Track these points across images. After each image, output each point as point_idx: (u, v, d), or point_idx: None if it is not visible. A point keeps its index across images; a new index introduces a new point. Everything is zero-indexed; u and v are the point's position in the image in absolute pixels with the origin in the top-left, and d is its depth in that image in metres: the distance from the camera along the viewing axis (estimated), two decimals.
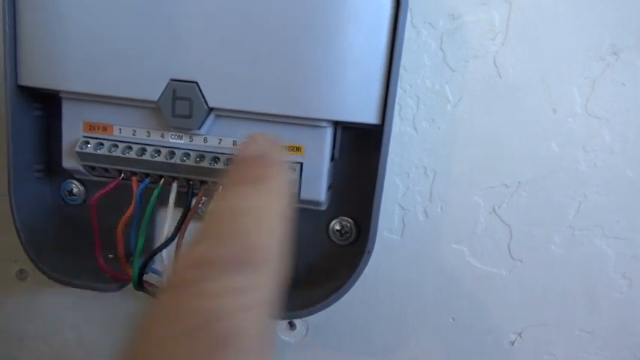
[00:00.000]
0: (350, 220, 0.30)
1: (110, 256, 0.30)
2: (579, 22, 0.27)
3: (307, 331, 0.33)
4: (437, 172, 0.30)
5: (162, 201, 0.28)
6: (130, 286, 0.28)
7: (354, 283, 0.28)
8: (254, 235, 0.17)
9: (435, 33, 0.28)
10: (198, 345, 0.14)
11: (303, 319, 0.33)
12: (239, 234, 0.17)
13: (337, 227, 0.31)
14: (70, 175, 0.31)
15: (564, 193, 0.29)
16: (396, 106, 0.29)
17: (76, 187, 0.33)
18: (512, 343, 0.31)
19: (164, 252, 0.28)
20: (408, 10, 0.28)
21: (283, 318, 0.32)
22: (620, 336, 0.30)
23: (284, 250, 0.18)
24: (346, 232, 0.30)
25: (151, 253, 0.27)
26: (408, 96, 0.29)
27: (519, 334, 0.31)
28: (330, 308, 0.31)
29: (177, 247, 0.27)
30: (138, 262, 0.28)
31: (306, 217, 0.31)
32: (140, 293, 0.29)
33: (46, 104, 0.30)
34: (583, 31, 0.27)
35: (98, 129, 0.29)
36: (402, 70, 0.29)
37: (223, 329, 0.14)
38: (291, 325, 0.33)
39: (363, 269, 0.27)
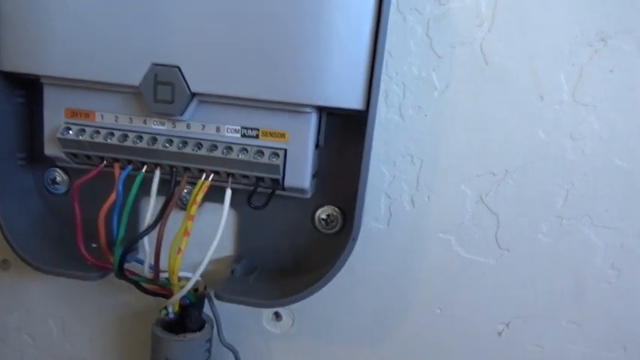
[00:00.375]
0: (336, 208, 0.30)
1: (94, 245, 0.30)
2: (566, 8, 0.26)
3: (293, 321, 0.33)
4: (423, 161, 0.29)
5: (146, 190, 0.28)
6: (113, 275, 0.28)
7: (338, 271, 0.27)
8: None
9: (422, 19, 0.28)
10: None
11: (289, 309, 0.33)
12: None
13: (323, 216, 0.30)
14: (53, 163, 0.31)
15: (552, 181, 0.28)
16: (382, 93, 0.29)
17: (59, 176, 0.32)
18: (500, 334, 0.31)
19: (146, 240, 0.28)
20: None
21: (269, 307, 0.32)
22: (608, 327, 0.30)
23: None
24: (332, 221, 0.30)
25: (132, 241, 0.27)
26: (394, 83, 0.29)
27: (507, 325, 0.31)
28: (316, 298, 0.30)
29: (159, 234, 0.27)
30: (119, 249, 0.27)
31: (292, 205, 0.30)
32: (124, 283, 0.28)
33: (28, 91, 0.30)
34: (570, 17, 0.27)
35: (80, 115, 0.28)
36: (387, 57, 0.28)
37: None
38: (277, 316, 0.33)
39: (347, 257, 0.27)
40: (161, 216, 0.27)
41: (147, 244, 0.28)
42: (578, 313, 0.30)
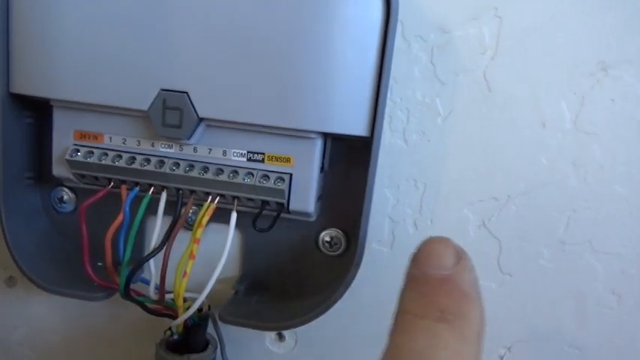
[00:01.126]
0: (340, 231, 0.30)
1: (100, 264, 0.30)
2: (568, 37, 0.27)
3: (296, 342, 0.33)
4: (427, 185, 0.30)
5: (153, 210, 0.28)
6: (118, 294, 0.28)
7: (342, 295, 0.27)
8: None
9: (426, 46, 0.28)
10: None
11: (292, 330, 0.33)
12: None
13: (327, 238, 0.30)
14: (60, 182, 0.31)
15: (554, 207, 0.29)
16: (387, 119, 0.29)
17: (66, 195, 0.33)
18: (502, 358, 0.31)
19: (152, 261, 0.28)
20: (399, 22, 0.28)
21: (271, 330, 0.32)
22: (609, 352, 0.30)
23: None
24: (336, 244, 0.30)
25: (139, 262, 0.27)
26: (399, 108, 0.29)
27: (508, 349, 0.31)
28: (319, 320, 0.30)
29: (165, 256, 0.27)
30: (125, 270, 0.27)
31: (296, 227, 0.31)
32: (129, 303, 0.28)
33: (37, 112, 0.30)
34: (572, 46, 0.27)
35: (89, 137, 0.29)
36: (392, 82, 0.29)
37: None
38: (280, 337, 0.33)
39: (351, 281, 0.27)
40: (167, 238, 0.27)
41: (153, 265, 0.28)
42: (580, 338, 0.30)
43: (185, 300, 0.29)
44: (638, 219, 0.28)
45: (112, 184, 0.29)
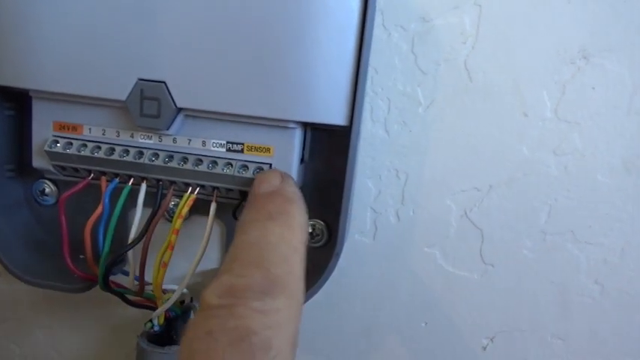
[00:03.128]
0: (321, 222, 0.30)
1: (81, 257, 0.30)
2: (549, 25, 0.27)
3: None
4: (409, 175, 0.30)
5: (134, 202, 0.28)
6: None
7: (322, 286, 0.27)
8: (273, 266, 0.20)
9: (407, 35, 0.28)
10: (238, 354, 0.17)
11: None
12: (261, 266, 0.19)
13: (309, 230, 0.30)
14: (42, 175, 0.31)
15: (536, 197, 0.29)
16: (368, 109, 0.29)
17: (48, 187, 0.32)
18: (485, 348, 0.31)
19: (131, 252, 0.28)
20: (379, 12, 0.28)
21: None
22: (592, 342, 0.30)
23: (301, 277, 0.21)
24: (317, 235, 0.30)
25: (118, 253, 0.27)
26: (380, 98, 0.29)
27: (491, 340, 0.31)
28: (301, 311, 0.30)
29: (144, 247, 0.27)
30: (104, 262, 0.27)
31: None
32: (113, 295, 0.28)
33: (17, 104, 0.30)
34: (553, 34, 0.27)
35: (68, 129, 0.29)
36: (373, 72, 0.29)
37: (256, 342, 0.17)
38: None
39: (331, 272, 0.27)
40: (146, 229, 0.27)
41: (132, 256, 0.28)
42: (563, 328, 0.30)
43: (166, 292, 0.29)
44: (619, 208, 0.28)
45: (92, 175, 0.29)
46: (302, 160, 0.28)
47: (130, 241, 0.27)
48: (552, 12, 0.27)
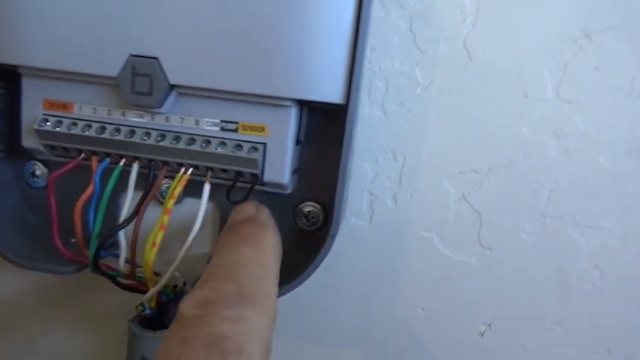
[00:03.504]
0: (317, 205, 0.30)
1: (73, 240, 0.30)
2: (550, 3, 0.26)
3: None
4: (406, 158, 0.29)
5: (126, 182, 0.28)
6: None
7: (316, 268, 0.27)
8: (245, 281, 0.21)
9: (405, 13, 0.27)
10: (210, 357, 0.18)
11: None
12: (233, 281, 0.21)
13: (304, 212, 0.30)
14: (33, 156, 0.31)
15: (535, 179, 0.28)
16: (365, 89, 0.28)
17: (39, 169, 0.32)
18: (482, 334, 0.31)
19: (122, 233, 0.27)
20: None
21: None
22: (591, 328, 0.30)
23: (272, 294, 0.22)
24: (313, 217, 0.30)
25: (107, 234, 0.27)
26: (377, 78, 0.28)
27: (489, 325, 0.31)
28: (297, 296, 0.30)
29: (135, 228, 0.26)
30: (94, 243, 0.27)
31: (274, 201, 0.30)
32: (105, 279, 0.28)
33: (8, 82, 0.30)
34: (554, 12, 0.26)
35: (58, 107, 0.28)
36: (371, 51, 0.28)
37: (228, 346, 0.18)
38: None
39: (326, 254, 0.27)
40: (138, 209, 0.27)
41: (123, 238, 0.27)
42: (562, 314, 0.30)
43: (159, 275, 0.28)
44: (621, 192, 0.28)
45: (83, 155, 0.28)
46: (298, 142, 0.28)
47: (120, 222, 0.27)
48: None
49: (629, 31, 0.26)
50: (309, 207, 0.30)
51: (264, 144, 0.26)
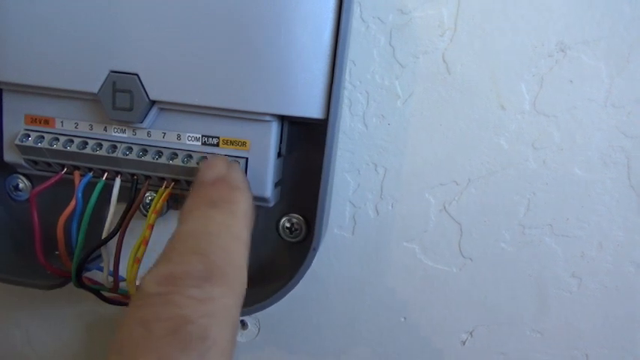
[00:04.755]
0: (300, 217, 0.30)
1: (56, 252, 0.30)
2: (527, 19, 0.27)
3: (259, 330, 0.33)
4: (387, 169, 0.29)
5: (109, 197, 0.28)
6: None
7: (299, 280, 0.27)
8: (213, 254, 0.19)
9: (385, 28, 0.28)
10: (172, 344, 0.17)
11: (256, 318, 0.33)
12: (200, 254, 0.19)
13: (287, 225, 0.30)
14: (15, 170, 0.31)
15: (514, 190, 0.29)
16: (346, 102, 0.29)
17: (22, 183, 0.32)
18: (464, 343, 0.31)
19: (104, 248, 0.27)
20: (357, 4, 0.28)
21: None
22: (570, 335, 0.30)
23: (242, 266, 0.20)
24: (296, 230, 0.30)
25: (91, 249, 0.27)
26: (358, 91, 0.29)
27: (470, 334, 0.31)
28: (281, 307, 0.30)
29: (119, 242, 0.27)
30: (77, 258, 0.27)
31: (257, 214, 0.30)
32: (90, 294, 0.28)
33: None
34: (531, 27, 0.27)
35: (40, 122, 0.28)
36: (351, 65, 0.28)
37: (192, 331, 0.17)
38: (243, 325, 0.33)
39: (308, 266, 0.27)
40: (120, 224, 0.27)
41: (106, 252, 0.27)
42: (541, 322, 0.30)
43: None
44: (596, 202, 0.28)
45: (65, 170, 0.28)
46: (279, 154, 0.28)
47: (103, 236, 0.27)
48: (529, 5, 0.26)
49: (603, 45, 0.26)
50: (292, 219, 0.30)
51: (246, 158, 0.27)
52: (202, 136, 0.27)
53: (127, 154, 0.27)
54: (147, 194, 0.30)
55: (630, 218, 0.28)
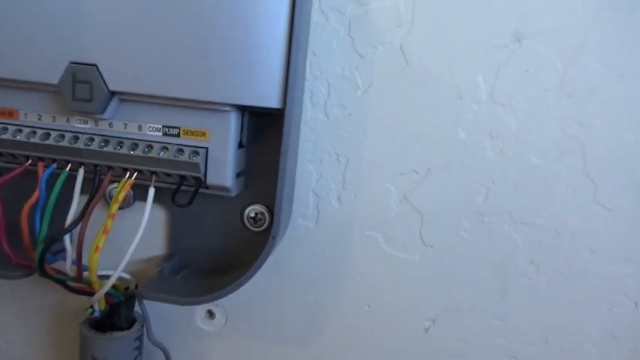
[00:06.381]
0: (263, 207, 0.30)
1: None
2: (483, 9, 0.27)
3: (227, 319, 0.33)
4: (349, 159, 0.30)
5: (73, 188, 0.28)
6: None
7: (259, 268, 0.27)
8: None
9: (344, 19, 0.28)
10: None
11: (223, 308, 0.33)
12: None
13: (251, 214, 0.30)
14: None
15: (473, 179, 0.29)
16: (307, 93, 0.29)
17: None
18: (427, 330, 0.32)
19: (67, 238, 0.28)
20: None
21: (186, 304, 0.32)
22: (530, 321, 0.31)
23: None
24: (260, 219, 0.30)
25: (53, 238, 0.27)
26: (319, 82, 0.29)
27: (433, 321, 0.31)
28: (247, 297, 0.31)
29: (81, 232, 0.27)
30: (40, 247, 0.27)
31: (222, 204, 0.30)
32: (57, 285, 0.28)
33: None
34: (487, 18, 0.27)
35: (3, 114, 0.28)
36: (312, 56, 0.29)
37: None
38: (211, 315, 0.33)
39: (267, 255, 0.27)
40: (83, 214, 0.27)
41: (69, 242, 0.28)
42: (502, 309, 0.31)
43: (105, 278, 0.28)
44: (553, 190, 0.29)
45: (30, 161, 0.28)
46: (241, 145, 0.28)
47: (66, 226, 0.27)
48: None
49: (557, 35, 0.27)
50: (255, 209, 0.30)
51: (206, 148, 0.27)
52: (163, 126, 0.27)
53: (88, 145, 0.27)
54: (112, 185, 0.30)
55: (586, 206, 0.29)
